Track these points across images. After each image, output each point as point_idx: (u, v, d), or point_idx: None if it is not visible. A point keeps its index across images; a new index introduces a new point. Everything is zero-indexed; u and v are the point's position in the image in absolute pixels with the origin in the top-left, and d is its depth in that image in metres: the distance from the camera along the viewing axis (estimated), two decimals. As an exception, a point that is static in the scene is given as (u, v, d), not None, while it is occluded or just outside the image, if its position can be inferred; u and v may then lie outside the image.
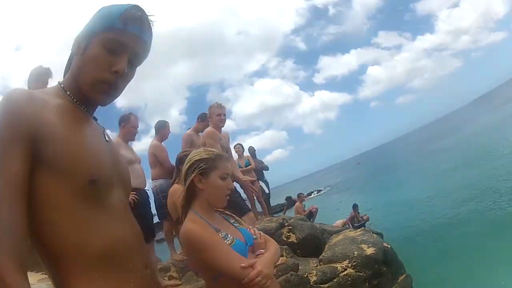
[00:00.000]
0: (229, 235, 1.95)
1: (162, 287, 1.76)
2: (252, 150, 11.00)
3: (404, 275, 5.60)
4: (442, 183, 21.01)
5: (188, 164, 2.04)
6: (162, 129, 6.43)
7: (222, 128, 5.59)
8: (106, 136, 1.33)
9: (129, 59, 1.23)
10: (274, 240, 2.17)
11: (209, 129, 5.49)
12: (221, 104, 5.54)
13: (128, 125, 5.26)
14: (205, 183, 2.00)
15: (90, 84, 1.19)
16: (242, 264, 1.82)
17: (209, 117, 5.62)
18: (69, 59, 1.29)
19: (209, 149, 2.18)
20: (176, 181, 4.22)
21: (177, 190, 3.47)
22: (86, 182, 1.10)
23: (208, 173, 2.00)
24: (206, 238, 1.88)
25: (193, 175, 1.99)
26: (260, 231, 2.16)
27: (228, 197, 2.09)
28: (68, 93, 1.23)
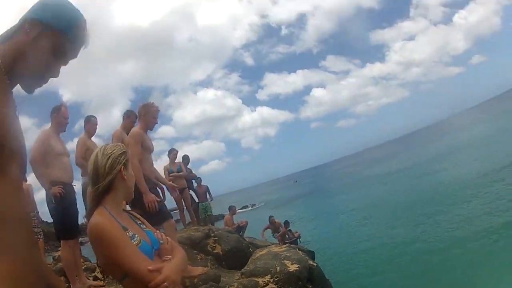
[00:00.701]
0: (136, 236, 1.85)
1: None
2: (186, 158, 10.80)
3: None
4: (374, 206, 21.66)
5: (112, 158, 1.96)
6: (88, 125, 6.26)
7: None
8: (16, 111, 1.30)
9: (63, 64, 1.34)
10: (181, 248, 2.09)
11: (137, 129, 5.17)
12: (157, 107, 5.27)
13: (59, 116, 5.10)
14: (127, 174, 2.00)
15: (27, 75, 1.27)
16: (150, 267, 1.73)
17: (142, 115, 5.26)
18: (11, 30, 1.29)
19: (116, 144, 2.13)
20: None
21: None
22: None
23: (127, 165, 2.02)
24: (114, 234, 1.78)
25: (119, 167, 1.96)
26: (167, 237, 2.05)
27: None
28: (3, 69, 1.22)
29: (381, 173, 41.34)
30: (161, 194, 5.68)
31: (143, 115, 5.16)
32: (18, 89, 1.32)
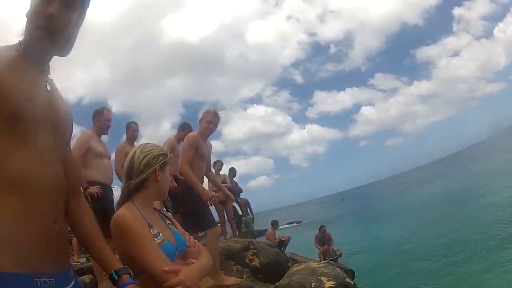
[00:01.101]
0: (160, 234, 1.87)
1: (68, 248, 1.63)
2: (232, 171, 10.89)
3: None
4: (424, 228, 20.91)
5: (149, 156, 2.00)
6: (128, 131, 6.40)
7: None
8: (48, 85, 1.38)
9: (63, 2, 1.30)
10: (209, 254, 2.05)
11: (193, 134, 5.13)
12: (217, 112, 5.15)
13: (102, 119, 5.21)
14: (161, 176, 2.01)
15: (30, 34, 1.30)
16: (165, 268, 1.70)
17: (199, 121, 5.18)
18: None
19: (157, 144, 2.16)
20: None
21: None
22: (9, 116, 1.17)
23: (164, 167, 2.03)
24: (136, 229, 1.80)
25: (155, 167, 1.98)
26: (195, 240, 2.04)
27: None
28: (22, 46, 1.32)
29: (427, 195, 39.91)
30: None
31: (201, 121, 5.10)
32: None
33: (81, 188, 4.93)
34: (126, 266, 1.53)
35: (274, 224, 14.40)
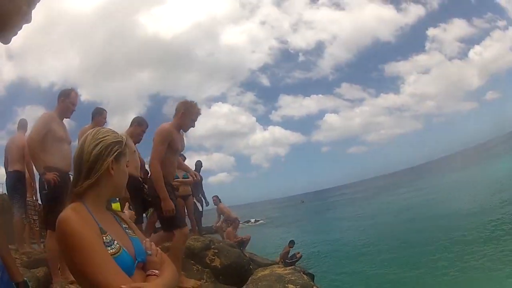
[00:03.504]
0: (115, 242, 1.51)
1: None
2: (199, 165, 10.54)
3: None
4: (377, 235, 21.33)
5: (101, 145, 1.60)
6: (97, 117, 5.98)
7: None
8: None
9: None
10: (173, 264, 1.72)
11: (167, 126, 4.70)
12: (200, 111, 4.85)
13: (67, 101, 4.78)
14: (115, 169, 1.63)
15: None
16: (123, 286, 1.35)
17: (180, 113, 4.73)
18: None
19: (113, 130, 1.75)
20: None
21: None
22: None
23: (120, 158, 1.66)
24: (83, 236, 1.41)
25: (109, 159, 1.60)
26: (157, 248, 1.70)
27: None
28: None
29: (386, 202, 41.12)
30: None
31: (182, 113, 4.67)
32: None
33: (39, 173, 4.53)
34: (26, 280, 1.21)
35: (236, 222, 14.07)
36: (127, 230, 1.68)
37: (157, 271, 1.57)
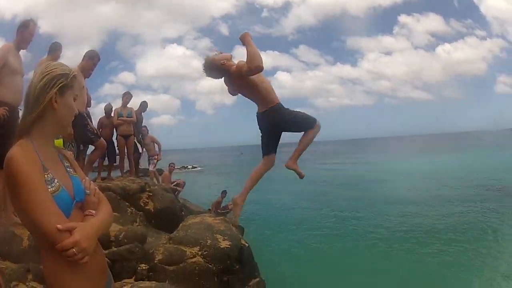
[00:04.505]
0: (55, 181, 1.50)
1: None
2: (143, 105, 10.30)
3: (257, 279, 5.36)
4: (312, 193, 22.17)
5: (46, 78, 1.56)
6: (54, 50, 5.75)
7: None
8: None
9: None
10: (109, 204, 1.72)
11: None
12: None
13: (26, 32, 4.56)
14: (60, 103, 1.58)
15: None
16: (58, 226, 1.38)
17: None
18: None
19: (62, 63, 1.69)
20: None
21: None
22: None
23: (64, 91, 1.60)
24: (27, 173, 1.41)
25: (52, 91, 1.54)
26: (96, 187, 1.69)
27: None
28: None
29: (325, 169, 42.12)
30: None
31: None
32: None
33: None
34: None
35: (171, 166, 14.04)
36: (68, 169, 1.67)
37: (94, 211, 1.59)
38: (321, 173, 35.12)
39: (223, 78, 4.75)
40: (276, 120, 4.75)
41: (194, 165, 52.17)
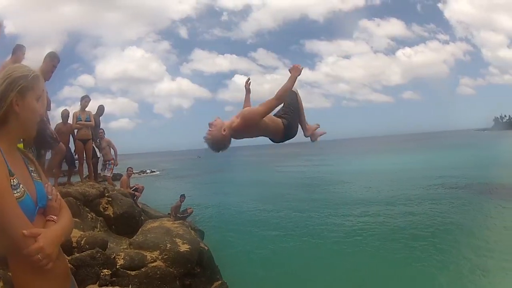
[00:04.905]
0: (20, 186, 1.50)
1: None
2: (100, 109, 10.15)
3: (219, 282, 5.48)
4: (269, 196, 22.36)
5: (7, 81, 1.55)
6: (17, 52, 5.65)
7: None
8: None
9: None
10: (69, 210, 1.73)
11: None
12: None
13: None
14: (21, 106, 1.56)
15: None
16: (24, 232, 1.40)
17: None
18: None
19: (24, 65, 1.71)
20: None
21: None
22: None
23: (25, 93, 1.58)
24: None
25: (12, 94, 1.53)
26: (57, 193, 1.70)
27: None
28: None
29: (282, 171, 42.48)
30: None
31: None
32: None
33: None
34: None
35: (129, 170, 13.88)
36: (33, 173, 1.66)
37: (55, 217, 1.60)
38: (281, 176, 35.59)
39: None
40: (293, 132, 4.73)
41: (152, 169, 51.56)
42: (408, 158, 45.33)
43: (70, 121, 8.54)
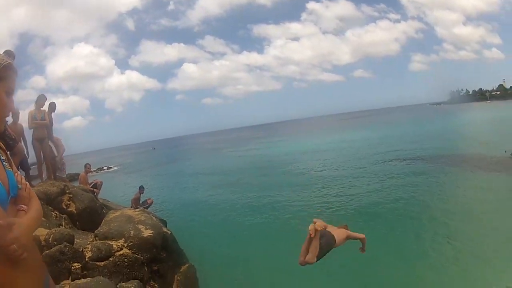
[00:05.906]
0: None
1: None
2: (52, 106, 9.94)
3: (187, 265, 5.65)
4: (226, 183, 22.67)
5: None
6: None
7: None
8: None
9: None
10: (38, 199, 1.69)
11: None
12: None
13: None
14: None
15: None
16: (1, 221, 1.35)
17: None
18: None
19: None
20: None
21: None
22: None
23: None
24: None
25: None
26: (26, 182, 1.66)
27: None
28: None
29: (237, 157, 42.54)
30: None
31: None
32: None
33: None
34: None
35: (87, 167, 13.76)
36: (4, 163, 1.60)
37: (25, 207, 1.56)
38: (236, 160, 35.82)
39: None
40: None
41: (109, 166, 50.66)
42: (364, 134, 46.48)
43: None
